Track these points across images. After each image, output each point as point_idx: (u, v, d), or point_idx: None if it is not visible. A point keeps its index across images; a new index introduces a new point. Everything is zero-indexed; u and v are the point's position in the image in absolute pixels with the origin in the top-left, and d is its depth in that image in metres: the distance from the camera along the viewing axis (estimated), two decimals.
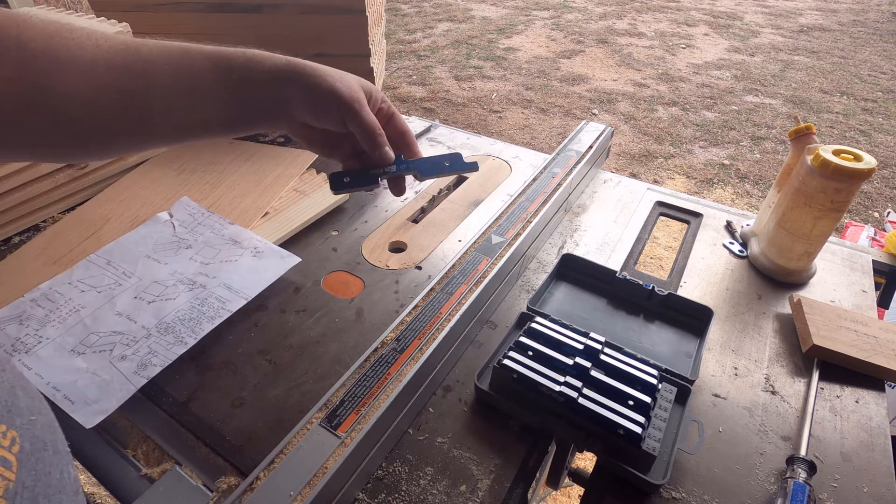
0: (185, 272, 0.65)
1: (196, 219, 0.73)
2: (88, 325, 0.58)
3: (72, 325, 0.58)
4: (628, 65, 3.83)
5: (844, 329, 0.60)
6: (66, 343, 0.56)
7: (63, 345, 0.56)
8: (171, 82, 0.38)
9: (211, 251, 0.68)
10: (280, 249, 0.68)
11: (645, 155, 2.73)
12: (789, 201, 0.66)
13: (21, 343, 0.55)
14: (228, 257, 0.67)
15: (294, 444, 0.44)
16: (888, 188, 2.49)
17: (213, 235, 0.71)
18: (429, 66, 3.82)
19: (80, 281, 0.63)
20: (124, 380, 0.52)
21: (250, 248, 0.68)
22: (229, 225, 0.72)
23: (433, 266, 0.70)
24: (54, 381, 0.52)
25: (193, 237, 0.70)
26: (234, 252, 0.68)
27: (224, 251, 0.68)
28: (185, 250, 0.68)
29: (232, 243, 0.69)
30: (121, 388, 0.51)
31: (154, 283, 0.63)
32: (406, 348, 0.53)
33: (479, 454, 0.49)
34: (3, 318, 0.58)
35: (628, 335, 0.61)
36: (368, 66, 1.02)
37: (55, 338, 0.56)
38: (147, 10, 0.94)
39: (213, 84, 0.39)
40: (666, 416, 0.49)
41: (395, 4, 5.30)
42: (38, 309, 0.60)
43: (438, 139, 1.02)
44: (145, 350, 0.55)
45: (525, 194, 0.77)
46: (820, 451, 0.50)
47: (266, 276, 0.64)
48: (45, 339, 0.56)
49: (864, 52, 4.05)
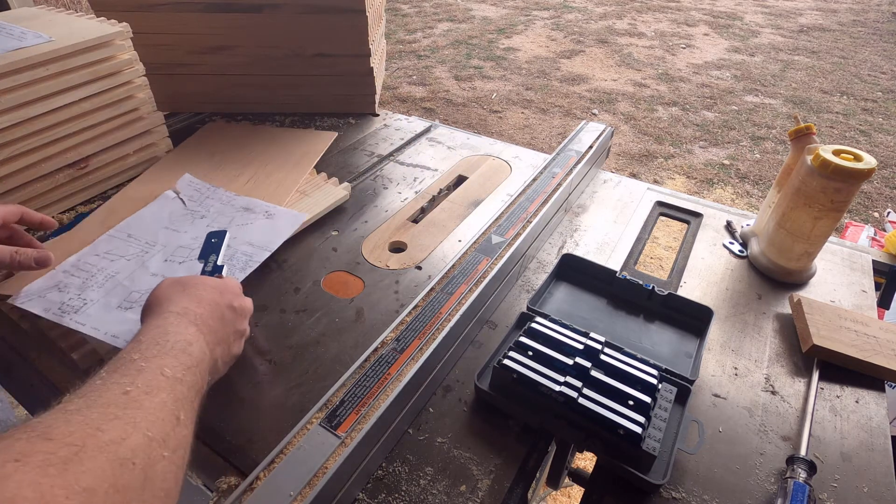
0: None
1: (203, 193, 0.78)
2: (128, 285, 0.62)
3: (111, 288, 0.61)
4: (628, 65, 3.82)
5: (844, 329, 0.60)
6: (111, 302, 0.59)
7: (108, 304, 0.59)
8: None
9: (225, 218, 0.73)
10: (289, 210, 0.74)
11: (645, 155, 2.73)
12: (789, 201, 0.66)
13: (68, 306, 0.58)
14: (243, 222, 0.72)
15: (294, 444, 0.44)
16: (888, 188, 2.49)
17: (223, 206, 0.76)
18: (429, 66, 3.82)
19: (107, 252, 0.67)
20: None
21: (262, 212, 0.74)
22: (236, 197, 0.77)
23: (433, 266, 0.70)
24: (112, 331, 0.55)
25: (205, 209, 0.75)
26: (248, 217, 0.73)
27: (238, 217, 0.73)
28: (199, 220, 0.73)
29: (244, 210, 0.74)
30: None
31: (180, 248, 0.67)
32: (406, 348, 0.53)
33: (479, 454, 0.49)
34: (41, 289, 0.60)
35: (628, 335, 0.61)
36: (368, 66, 1.02)
37: (99, 299, 0.59)
38: (147, 10, 0.93)
39: None
40: (666, 416, 0.49)
41: (395, 4, 5.30)
42: (73, 278, 0.62)
43: (438, 139, 1.02)
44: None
45: (525, 194, 0.77)
46: (820, 451, 0.50)
47: (283, 232, 0.70)
48: (90, 301, 0.59)
49: (864, 52, 4.05)
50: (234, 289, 0.52)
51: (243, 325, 0.52)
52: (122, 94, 0.80)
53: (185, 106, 1.08)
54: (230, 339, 0.49)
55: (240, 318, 0.51)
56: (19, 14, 0.81)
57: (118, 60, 0.78)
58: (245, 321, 0.52)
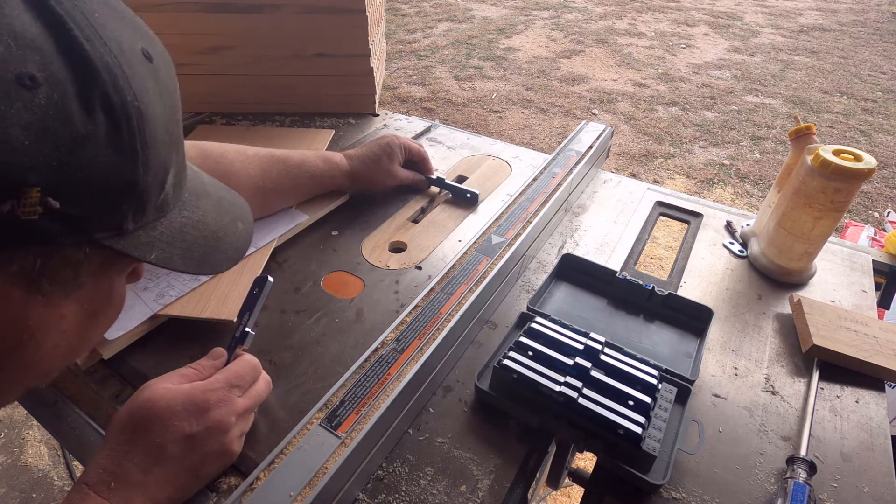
0: None
1: None
2: None
3: None
4: (628, 65, 3.83)
5: (844, 329, 0.60)
6: None
7: None
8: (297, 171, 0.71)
9: None
10: (293, 210, 0.76)
11: (645, 155, 2.73)
12: (789, 201, 0.66)
13: None
14: None
15: (294, 444, 0.44)
16: (888, 188, 2.49)
17: None
18: (429, 66, 3.82)
19: None
20: (143, 305, 0.58)
21: None
22: None
23: (433, 266, 0.70)
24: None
25: None
26: None
27: None
28: None
29: None
30: (140, 312, 0.57)
31: None
32: (406, 348, 0.53)
33: (479, 454, 0.49)
34: None
35: (628, 335, 0.61)
36: (368, 66, 1.02)
37: None
38: (147, 10, 0.93)
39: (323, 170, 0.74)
40: (666, 417, 0.49)
41: (395, 4, 5.30)
42: None
43: (438, 139, 1.02)
44: (164, 284, 0.61)
45: (525, 194, 0.77)
46: (820, 451, 0.50)
47: (277, 229, 0.71)
48: None
49: (864, 52, 4.05)
50: (230, 400, 0.43)
51: (240, 428, 0.44)
52: None
53: (185, 106, 1.06)
54: (202, 470, 0.42)
55: (236, 426, 0.44)
56: None
57: None
58: (247, 421, 0.46)
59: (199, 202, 0.37)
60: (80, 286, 0.30)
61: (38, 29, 0.24)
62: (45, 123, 0.24)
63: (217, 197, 0.41)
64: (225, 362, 0.47)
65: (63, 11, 0.25)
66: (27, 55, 0.23)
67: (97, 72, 0.26)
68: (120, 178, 0.27)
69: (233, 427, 0.43)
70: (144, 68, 0.29)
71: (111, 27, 0.27)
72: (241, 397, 0.45)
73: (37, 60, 0.24)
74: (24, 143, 0.23)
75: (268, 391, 0.48)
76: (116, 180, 0.27)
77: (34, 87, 0.23)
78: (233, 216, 0.41)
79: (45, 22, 0.24)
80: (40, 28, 0.24)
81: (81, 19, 0.26)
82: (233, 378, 0.45)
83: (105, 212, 0.28)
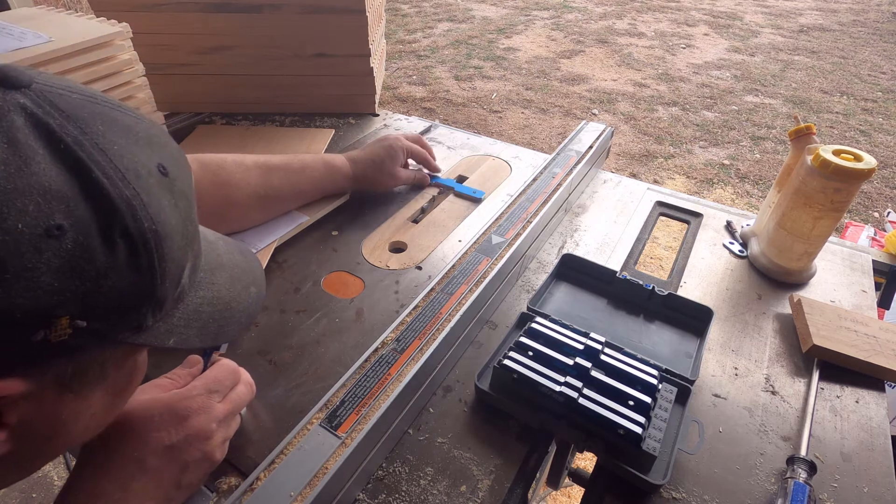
0: None
1: None
2: None
3: None
4: (628, 65, 3.83)
5: (844, 329, 0.60)
6: None
7: None
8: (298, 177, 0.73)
9: None
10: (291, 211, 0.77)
11: (645, 155, 2.73)
12: (789, 201, 0.66)
13: None
14: None
15: (294, 444, 0.44)
16: (888, 188, 2.49)
17: None
18: (429, 66, 3.82)
19: None
20: None
21: None
22: None
23: (433, 266, 0.70)
24: None
25: None
26: None
27: None
28: None
29: None
30: None
31: None
32: (406, 348, 0.53)
33: (480, 454, 0.49)
34: None
35: (628, 335, 0.61)
36: (368, 66, 1.02)
37: None
38: (147, 10, 0.93)
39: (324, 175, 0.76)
40: (666, 417, 0.49)
41: (395, 4, 5.30)
42: None
43: (438, 139, 1.02)
44: None
45: (525, 194, 0.77)
46: (820, 451, 0.50)
47: (278, 230, 0.71)
48: None
49: (864, 52, 4.05)
50: (210, 407, 0.42)
51: (222, 435, 0.43)
52: (122, 95, 0.80)
53: (185, 106, 1.08)
54: (184, 480, 0.41)
55: (217, 433, 0.42)
56: (19, 14, 0.81)
57: (118, 60, 0.78)
58: (230, 426, 0.44)
59: (213, 277, 0.37)
60: (106, 378, 0.31)
61: (63, 178, 0.25)
62: (71, 264, 0.25)
63: (231, 266, 0.40)
64: (202, 369, 0.46)
65: (85, 155, 0.26)
66: (54, 206, 0.24)
67: (117, 208, 0.26)
68: (140, 292, 0.29)
69: (214, 434, 0.42)
70: (160, 187, 0.29)
71: (129, 155, 0.28)
72: (220, 403, 0.43)
73: (62, 210, 0.24)
74: (54, 285, 0.24)
75: (250, 394, 0.46)
76: (137, 294, 0.29)
77: (61, 236, 0.24)
78: (245, 283, 0.41)
79: (69, 167, 0.25)
80: (65, 176, 0.25)
81: (101, 157, 0.26)
82: (211, 384, 0.43)
83: (127, 318, 0.29)
